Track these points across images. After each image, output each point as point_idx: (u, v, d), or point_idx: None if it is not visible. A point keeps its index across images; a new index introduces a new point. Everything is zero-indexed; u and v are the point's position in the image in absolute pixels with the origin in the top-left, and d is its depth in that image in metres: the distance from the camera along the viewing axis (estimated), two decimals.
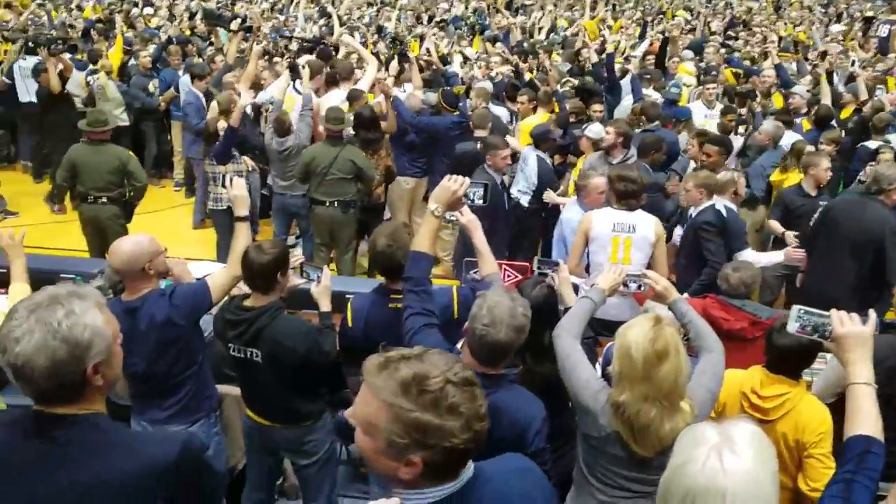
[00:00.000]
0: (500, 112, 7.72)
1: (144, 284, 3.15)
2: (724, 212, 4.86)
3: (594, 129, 6.40)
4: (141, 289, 3.15)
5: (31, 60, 8.91)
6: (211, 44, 11.28)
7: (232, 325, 3.27)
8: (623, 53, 10.60)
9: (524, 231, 6.42)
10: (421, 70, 8.07)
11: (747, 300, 3.96)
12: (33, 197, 8.70)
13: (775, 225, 5.72)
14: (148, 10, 13.82)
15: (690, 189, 5.03)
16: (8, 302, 3.02)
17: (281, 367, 3.22)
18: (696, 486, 1.43)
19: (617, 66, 8.95)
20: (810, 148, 6.22)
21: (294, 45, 9.42)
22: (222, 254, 6.24)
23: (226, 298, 3.39)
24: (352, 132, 6.64)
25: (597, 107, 7.42)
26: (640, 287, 3.25)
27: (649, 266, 4.29)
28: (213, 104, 7.15)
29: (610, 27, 13.90)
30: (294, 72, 7.52)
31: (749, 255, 4.81)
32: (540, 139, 6.41)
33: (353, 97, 7.13)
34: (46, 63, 8.07)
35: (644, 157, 6.09)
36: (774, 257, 5.13)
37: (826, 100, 7.81)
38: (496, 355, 2.54)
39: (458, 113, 7.09)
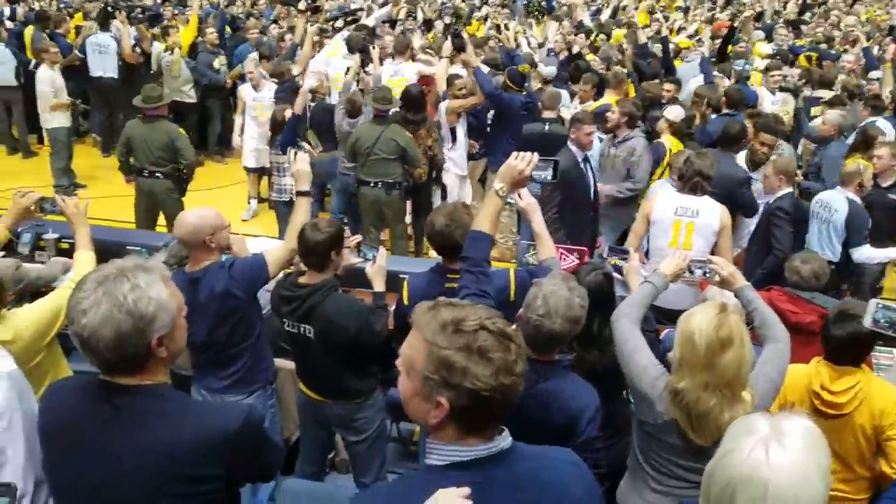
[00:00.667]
0: (561, 94, 7.58)
1: (206, 256, 3.22)
2: (847, 203, 4.80)
3: (674, 111, 6.24)
4: (202, 261, 3.21)
5: (104, 36, 9.16)
6: (275, 21, 11.39)
7: (286, 301, 3.30)
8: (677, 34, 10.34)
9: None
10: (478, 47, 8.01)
11: (817, 293, 3.82)
12: (103, 170, 8.95)
13: None
14: None
15: (770, 175, 4.91)
16: (74, 268, 3.11)
17: (332, 344, 3.25)
18: (739, 476, 1.39)
19: (688, 48, 8.75)
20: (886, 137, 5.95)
21: (340, 23, 9.43)
22: None
23: (281, 274, 3.44)
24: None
25: (668, 86, 7.25)
26: (704, 273, 3.16)
27: (713, 253, 4.18)
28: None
29: (664, 12, 13.52)
30: (364, 53, 7.49)
31: (867, 251, 4.79)
32: (601, 119, 6.27)
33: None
34: (122, 29, 7.99)
35: (730, 146, 5.62)
36: (891, 253, 5.01)
37: (887, 88, 7.49)
38: (550, 345, 2.53)
39: (525, 93, 6.97)
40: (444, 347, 1.43)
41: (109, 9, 8.26)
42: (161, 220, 6.54)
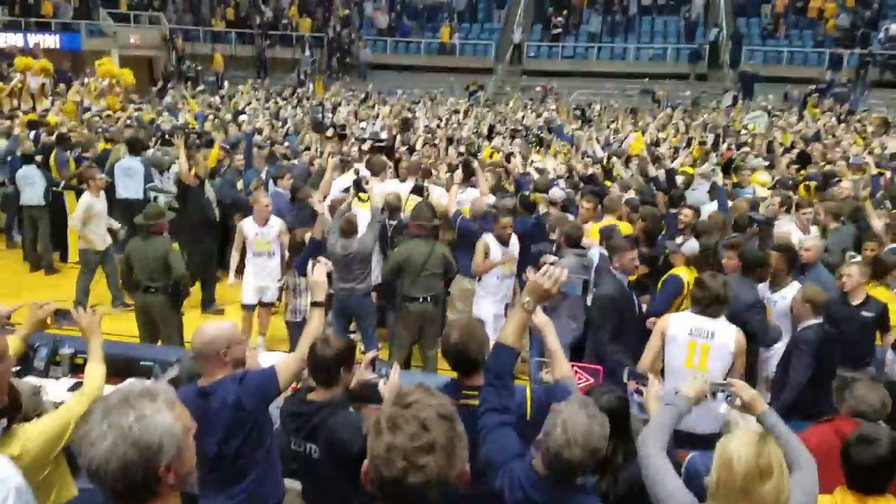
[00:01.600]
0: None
1: (220, 370, 3.20)
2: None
3: (689, 246, 6.09)
4: (216, 374, 3.19)
5: (133, 160, 9.52)
6: (307, 148, 11.80)
7: (294, 417, 3.26)
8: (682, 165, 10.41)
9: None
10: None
11: (883, 419, 3.41)
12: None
13: None
14: (243, 118, 14.72)
15: (797, 302, 4.86)
16: (85, 381, 3.11)
17: (337, 464, 3.15)
18: None
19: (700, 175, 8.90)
20: None
21: (366, 146, 9.81)
22: None
23: (289, 390, 3.41)
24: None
25: (686, 212, 7.04)
26: (726, 398, 3.10)
27: (728, 376, 4.11)
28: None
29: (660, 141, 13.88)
30: (358, 187, 7.40)
31: None
32: (606, 237, 6.35)
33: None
34: (179, 154, 8.16)
35: (751, 272, 5.54)
36: None
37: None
38: (570, 474, 2.47)
39: (535, 216, 7.22)
40: None
41: (166, 136, 8.61)
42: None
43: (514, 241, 6.76)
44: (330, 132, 9.42)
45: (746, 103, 20.81)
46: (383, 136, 12.22)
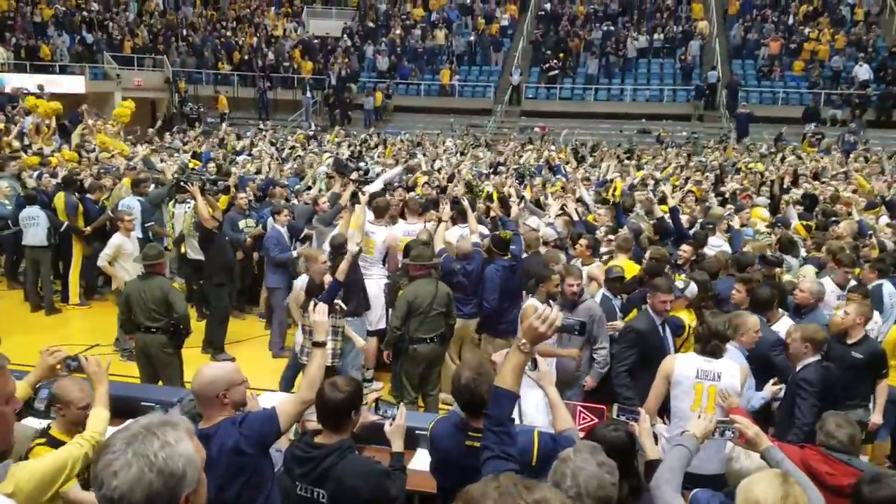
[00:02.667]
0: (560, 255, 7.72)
1: (219, 412, 3.15)
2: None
3: (691, 290, 6.04)
4: (216, 417, 3.15)
5: (133, 199, 9.58)
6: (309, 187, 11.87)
7: (300, 462, 3.20)
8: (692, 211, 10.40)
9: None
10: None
11: (853, 456, 3.63)
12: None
13: None
14: (241, 158, 14.85)
15: (795, 341, 4.79)
16: (88, 424, 3.11)
17: None
18: None
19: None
20: None
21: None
22: None
23: (295, 432, 3.38)
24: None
25: (685, 248, 7.12)
26: (729, 434, 3.09)
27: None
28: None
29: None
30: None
31: None
32: (608, 277, 6.42)
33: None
34: (197, 199, 8.16)
35: (763, 311, 5.59)
36: None
37: None
38: None
39: (508, 257, 6.98)
40: None
41: (182, 182, 8.67)
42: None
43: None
44: (354, 175, 9.49)
45: (742, 143, 21.03)
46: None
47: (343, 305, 6.36)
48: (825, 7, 27.03)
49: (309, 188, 11.28)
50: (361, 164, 12.91)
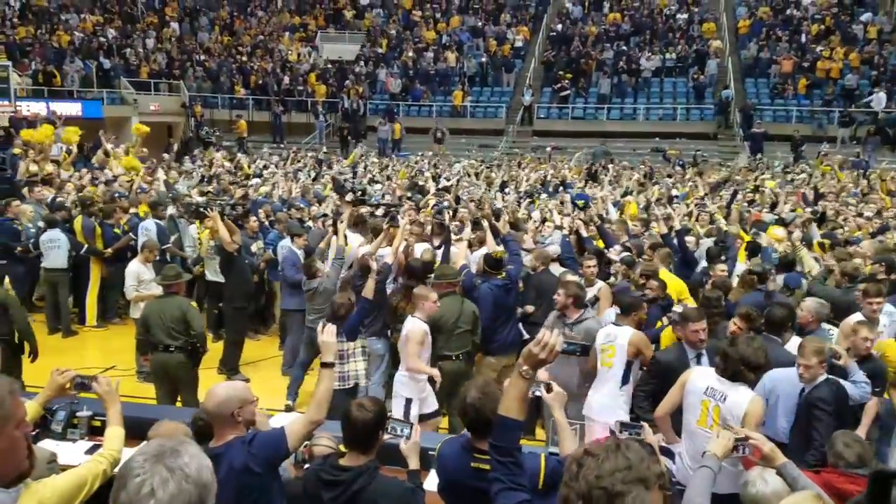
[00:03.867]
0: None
1: (231, 431, 3.18)
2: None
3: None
4: (227, 435, 3.17)
5: (151, 222, 9.70)
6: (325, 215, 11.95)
7: (328, 486, 3.19)
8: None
9: None
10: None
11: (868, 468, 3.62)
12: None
13: None
14: (257, 181, 14.99)
15: (813, 365, 4.62)
16: (105, 444, 3.13)
17: None
18: None
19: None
20: None
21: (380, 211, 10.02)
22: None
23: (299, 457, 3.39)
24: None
25: (652, 283, 6.71)
26: (745, 451, 3.08)
27: None
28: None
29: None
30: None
31: None
32: (620, 296, 6.31)
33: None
34: (217, 224, 8.27)
35: (777, 330, 5.55)
36: None
37: None
38: None
39: (502, 276, 6.91)
40: None
41: (202, 209, 8.79)
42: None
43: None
44: (349, 196, 9.59)
45: (755, 161, 20.98)
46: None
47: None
48: (837, 25, 27.02)
49: (325, 215, 11.36)
50: (358, 185, 13.09)
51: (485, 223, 7.96)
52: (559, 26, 30.07)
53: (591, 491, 1.67)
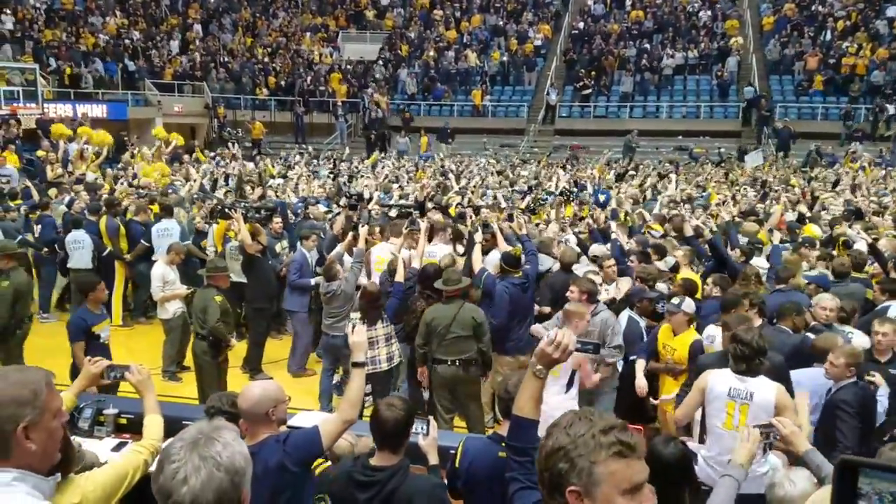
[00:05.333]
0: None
1: (265, 429, 3.22)
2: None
3: (689, 305, 6.03)
4: (261, 434, 3.21)
5: (169, 221, 9.77)
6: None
7: (362, 487, 3.22)
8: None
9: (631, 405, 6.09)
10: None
11: None
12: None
13: None
14: (279, 181, 15.10)
15: (839, 366, 4.60)
16: (145, 432, 3.15)
17: None
18: None
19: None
20: None
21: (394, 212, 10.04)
22: None
23: (350, 457, 3.42)
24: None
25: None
26: (774, 438, 3.06)
27: None
28: None
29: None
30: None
31: None
32: (635, 298, 6.36)
33: None
34: (239, 226, 8.42)
35: (785, 319, 5.73)
36: None
37: None
38: None
39: (520, 274, 6.94)
40: None
41: (226, 210, 8.88)
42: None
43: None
44: (343, 202, 9.69)
45: (782, 159, 20.77)
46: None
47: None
48: (863, 21, 26.64)
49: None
50: (353, 189, 13.19)
51: (495, 226, 7.90)
52: (581, 24, 29.94)
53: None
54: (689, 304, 5.95)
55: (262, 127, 26.05)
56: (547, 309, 7.06)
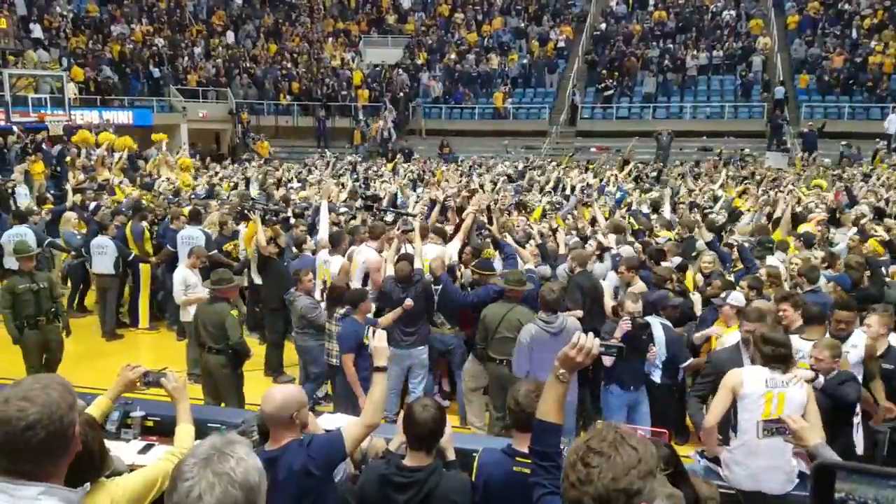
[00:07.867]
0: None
1: (289, 433, 3.21)
2: None
3: (736, 297, 6.04)
4: (284, 438, 3.20)
5: (194, 229, 9.74)
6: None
7: (400, 488, 3.23)
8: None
9: (662, 412, 6.06)
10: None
11: None
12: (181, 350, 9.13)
13: None
14: (297, 185, 15.19)
15: (824, 358, 4.65)
16: (176, 441, 3.17)
17: None
18: None
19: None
20: None
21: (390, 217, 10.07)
22: None
23: (382, 459, 3.43)
24: None
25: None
26: (787, 432, 3.02)
27: None
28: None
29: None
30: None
31: None
32: (659, 305, 6.20)
33: None
34: (256, 228, 8.43)
35: (816, 324, 5.45)
36: None
37: None
38: None
39: (497, 280, 6.82)
40: None
41: (246, 211, 8.95)
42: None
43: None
44: (359, 202, 9.71)
45: (808, 160, 20.49)
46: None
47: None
48: (889, 19, 26.23)
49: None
50: (369, 192, 13.26)
51: (493, 231, 7.76)
52: (603, 25, 29.80)
53: (609, 493, 1.69)
54: (735, 297, 6.00)
55: (267, 146, 25.82)
56: (580, 313, 6.81)
